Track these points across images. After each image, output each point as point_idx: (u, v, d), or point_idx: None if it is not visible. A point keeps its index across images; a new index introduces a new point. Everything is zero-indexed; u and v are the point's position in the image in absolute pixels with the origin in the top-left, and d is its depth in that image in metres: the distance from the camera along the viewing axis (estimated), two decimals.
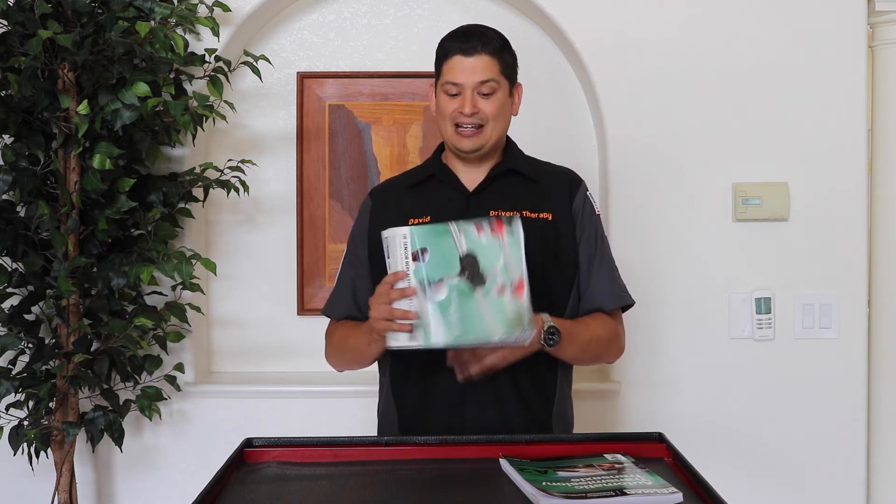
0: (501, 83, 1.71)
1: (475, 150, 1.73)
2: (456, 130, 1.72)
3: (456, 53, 1.70)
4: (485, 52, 1.69)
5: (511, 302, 1.49)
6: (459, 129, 1.71)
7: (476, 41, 1.70)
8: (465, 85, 1.69)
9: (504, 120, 1.75)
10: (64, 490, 2.40)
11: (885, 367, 2.68)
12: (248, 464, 1.42)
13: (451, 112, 1.71)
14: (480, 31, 1.72)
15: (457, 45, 1.70)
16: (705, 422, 2.64)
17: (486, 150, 1.74)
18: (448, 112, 1.71)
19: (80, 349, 2.32)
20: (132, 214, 2.40)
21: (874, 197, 2.70)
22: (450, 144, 1.76)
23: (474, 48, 1.69)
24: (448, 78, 1.70)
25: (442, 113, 1.73)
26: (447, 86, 1.71)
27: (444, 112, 1.72)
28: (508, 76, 1.74)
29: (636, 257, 2.62)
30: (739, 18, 2.63)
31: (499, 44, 1.72)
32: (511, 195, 1.75)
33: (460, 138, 1.72)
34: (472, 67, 1.68)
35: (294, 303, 2.83)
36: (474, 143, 1.72)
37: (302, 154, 2.82)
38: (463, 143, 1.72)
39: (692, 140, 2.64)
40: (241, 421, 2.68)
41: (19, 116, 2.28)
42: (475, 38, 1.70)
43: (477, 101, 1.69)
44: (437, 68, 1.75)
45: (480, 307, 1.46)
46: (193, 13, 2.41)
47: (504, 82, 1.72)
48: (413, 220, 1.74)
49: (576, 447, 1.44)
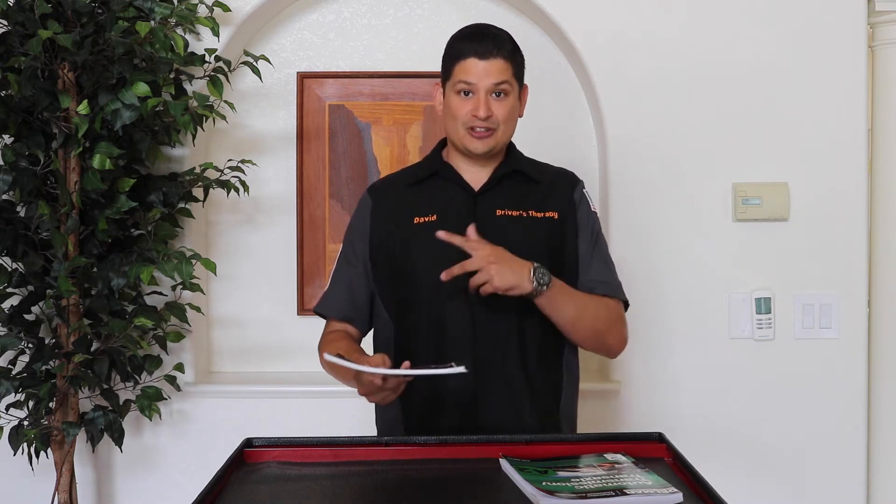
0: (513, 86, 1.72)
1: (486, 153, 1.73)
2: (468, 132, 1.71)
3: (470, 55, 1.68)
4: (500, 56, 1.68)
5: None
6: (473, 132, 1.70)
7: (490, 44, 1.69)
8: (480, 87, 1.68)
9: (513, 122, 1.75)
10: (64, 490, 2.40)
11: (885, 367, 2.68)
12: (248, 464, 1.42)
13: (464, 114, 1.69)
14: (494, 33, 1.72)
15: (471, 47, 1.69)
16: (705, 422, 2.64)
17: (495, 152, 1.74)
18: (461, 114, 1.70)
19: (80, 349, 2.32)
20: (132, 214, 2.40)
21: (874, 197, 2.70)
22: (459, 145, 1.74)
23: (489, 51, 1.68)
24: (462, 78, 1.69)
25: (453, 114, 1.72)
26: (460, 85, 1.69)
27: (455, 113, 1.71)
28: (518, 78, 1.74)
29: (636, 257, 2.62)
30: (739, 18, 2.63)
31: (511, 46, 1.72)
32: (516, 195, 1.75)
33: (472, 140, 1.71)
34: (487, 70, 1.68)
35: (294, 303, 2.83)
36: (486, 146, 1.71)
37: (302, 154, 2.82)
38: (475, 146, 1.71)
39: (692, 140, 2.64)
40: (241, 421, 2.68)
41: (19, 116, 2.28)
42: (489, 40, 1.69)
43: (490, 104, 1.69)
44: (448, 68, 1.73)
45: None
46: (193, 13, 2.41)
47: (515, 85, 1.73)
48: (418, 219, 1.74)
49: (576, 447, 1.44)
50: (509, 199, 1.74)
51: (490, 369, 1.68)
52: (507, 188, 1.76)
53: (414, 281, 1.72)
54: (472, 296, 1.65)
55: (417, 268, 1.71)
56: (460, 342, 1.68)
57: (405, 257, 1.73)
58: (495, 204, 1.73)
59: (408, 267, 1.73)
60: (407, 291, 1.73)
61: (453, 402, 1.69)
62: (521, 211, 1.73)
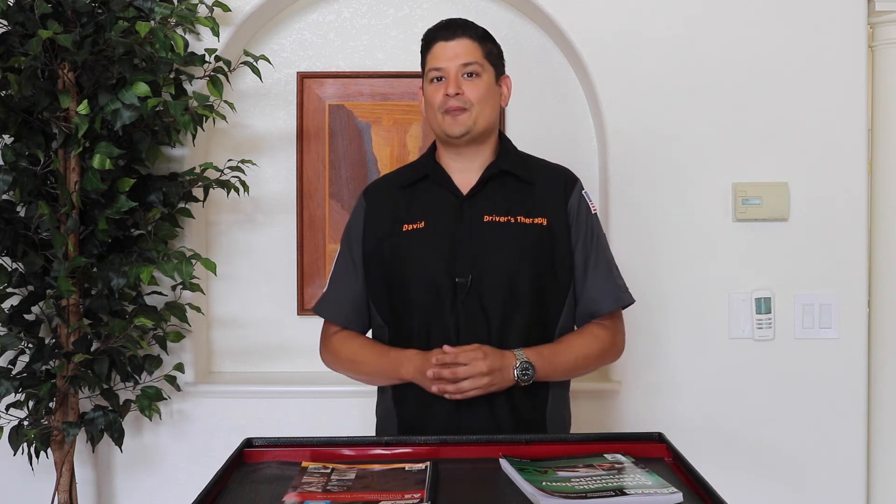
0: (485, 67, 1.72)
1: (463, 135, 1.71)
2: (443, 116, 1.71)
3: (438, 40, 1.72)
4: (466, 36, 1.71)
5: None
6: (446, 114, 1.71)
7: (456, 27, 1.72)
8: (449, 69, 1.70)
9: (491, 106, 1.74)
10: (64, 490, 2.40)
11: (885, 367, 2.68)
12: (248, 464, 1.42)
13: (438, 98, 1.71)
14: (462, 21, 1.75)
15: (438, 33, 1.72)
16: (705, 422, 2.64)
17: (473, 135, 1.72)
18: (435, 101, 1.71)
19: (80, 349, 2.32)
20: (132, 214, 2.40)
21: (874, 197, 2.70)
22: (439, 132, 1.75)
23: (454, 33, 1.71)
24: (432, 65, 1.72)
25: (430, 103, 1.73)
26: (431, 72, 1.72)
27: (431, 101, 1.72)
28: (493, 63, 1.75)
29: (636, 257, 2.62)
30: (739, 18, 2.63)
31: (480, 31, 1.74)
32: (505, 200, 1.73)
33: (448, 121, 1.70)
34: (455, 52, 1.70)
35: (294, 303, 2.83)
36: (462, 127, 1.70)
37: (302, 154, 2.82)
38: (451, 128, 1.71)
39: (692, 140, 2.64)
40: (241, 421, 2.68)
41: (19, 116, 2.28)
42: (455, 24, 1.73)
43: (461, 83, 1.69)
44: (422, 62, 1.76)
45: None
46: (193, 13, 2.41)
47: (488, 67, 1.73)
48: (407, 226, 1.74)
49: (576, 447, 1.44)
50: (498, 203, 1.73)
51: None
52: (495, 192, 1.74)
53: (404, 289, 1.72)
54: (457, 304, 1.67)
55: (406, 276, 1.72)
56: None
57: (395, 265, 1.73)
58: (483, 210, 1.72)
59: (398, 274, 1.73)
60: (398, 298, 1.73)
61: (439, 406, 1.68)
62: (509, 217, 1.71)
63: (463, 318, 1.67)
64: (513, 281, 1.68)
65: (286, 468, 1.38)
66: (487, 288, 1.67)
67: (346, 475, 1.32)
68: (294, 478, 1.31)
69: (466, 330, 1.67)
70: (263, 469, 1.39)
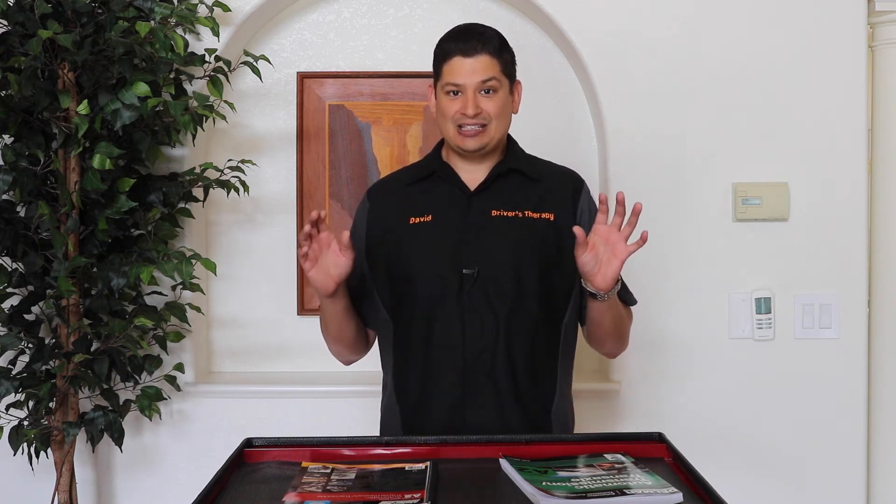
0: (502, 82, 1.72)
1: (479, 150, 1.73)
2: (459, 131, 1.71)
3: (456, 54, 1.69)
4: (485, 52, 1.69)
5: None
6: (462, 130, 1.71)
7: (475, 41, 1.70)
8: (467, 86, 1.69)
9: (506, 118, 1.75)
10: (64, 490, 2.40)
11: (885, 367, 2.68)
12: (248, 464, 1.42)
13: (454, 113, 1.70)
14: (479, 31, 1.72)
15: (456, 46, 1.70)
16: (705, 422, 2.64)
17: (489, 149, 1.74)
18: (450, 113, 1.71)
19: (80, 349, 2.32)
20: (132, 214, 2.40)
21: (874, 197, 2.70)
22: (452, 144, 1.75)
23: (474, 48, 1.69)
24: (449, 79, 1.70)
25: (444, 114, 1.73)
26: (448, 86, 1.71)
27: (445, 113, 1.72)
28: (508, 74, 1.74)
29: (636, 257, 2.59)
30: (740, 18, 2.63)
31: (498, 42, 1.72)
32: (513, 195, 1.75)
33: (463, 139, 1.71)
34: (473, 68, 1.68)
35: (294, 303, 2.83)
36: (478, 143, 1.72)
37: (302, 154, 2.82)
38: (466, 143, 1.72)
39: (692, 140, 2.64)
40: (241, 421, 2.68)
41: (19, 116, 2.28)
42: (474, 38, 1.70)
43: (479, 101, 1.69)
44: (437, 69, 1.75)
45: None
46: (193, 13, 2.41)
47: (504, 81, 1.72)
48: (414, 219, 1.74)
49: (576, 447, 1.44)
50: (505, 199, 1.74)
51: (478, 372, 1.68)
52: (503, 187, 1.76)
53: (409, 281, 1.72)
54: (463, 299, 1.67)
55: (413, 268, 1.72)
56: (449, 344, 1.68)
57: (401, 257, 1.74)
58: (491, 204, 1.73)
59: (403, 267, 1.73)
60: (403, 291, 1.74)
61: (443, 400, 1.69)
62: (516, 211, 1.73)
63: (468, 310, 1.67)
64: (520, 274, 1.69)
65: (286, 468, 1.38)
66: (494, 280, 1.68)
67: (346, 475, 1.32)
68: (294, 478, 1.31)
69: (472, 322, 1.67)
70: (263, 469, 1.39)
